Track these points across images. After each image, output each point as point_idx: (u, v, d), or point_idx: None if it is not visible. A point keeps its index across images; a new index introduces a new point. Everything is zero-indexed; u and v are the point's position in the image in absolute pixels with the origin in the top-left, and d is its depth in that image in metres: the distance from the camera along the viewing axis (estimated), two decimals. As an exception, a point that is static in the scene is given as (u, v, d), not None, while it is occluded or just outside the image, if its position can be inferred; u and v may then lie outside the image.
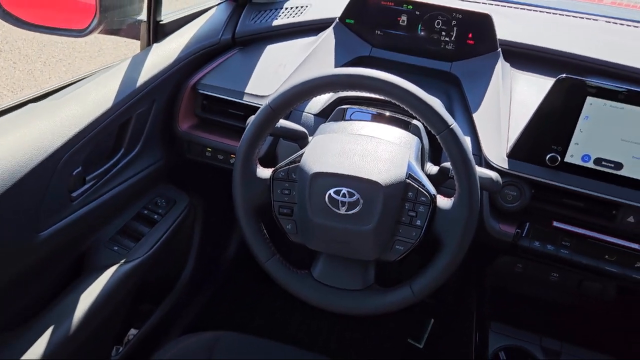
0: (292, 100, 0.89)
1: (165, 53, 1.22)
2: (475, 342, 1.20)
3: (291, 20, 1.39)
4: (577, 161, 0.99)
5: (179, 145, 1.27)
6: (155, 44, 1.25)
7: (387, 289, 0.93)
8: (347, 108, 1.09)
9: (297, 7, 1.44)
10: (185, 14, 1.35)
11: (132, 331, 1.32)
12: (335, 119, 1.08)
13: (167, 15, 1.30)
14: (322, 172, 0.86)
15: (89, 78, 1.12)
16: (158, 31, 1.27)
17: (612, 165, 0.97)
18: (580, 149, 0.98)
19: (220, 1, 1.46)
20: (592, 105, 0.95)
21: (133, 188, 1.19)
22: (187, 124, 1.25)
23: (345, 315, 0.94)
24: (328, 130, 1.00)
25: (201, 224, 1.50)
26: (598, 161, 0.98)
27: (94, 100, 1.04)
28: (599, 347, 1.19)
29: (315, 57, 1.25)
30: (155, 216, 1.24)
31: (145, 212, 1.25)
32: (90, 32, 1.09)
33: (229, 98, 1.20)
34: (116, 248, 1.14)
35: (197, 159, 1.27)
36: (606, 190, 0.98)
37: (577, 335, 1.23)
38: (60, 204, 0.99)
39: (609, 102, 0.94)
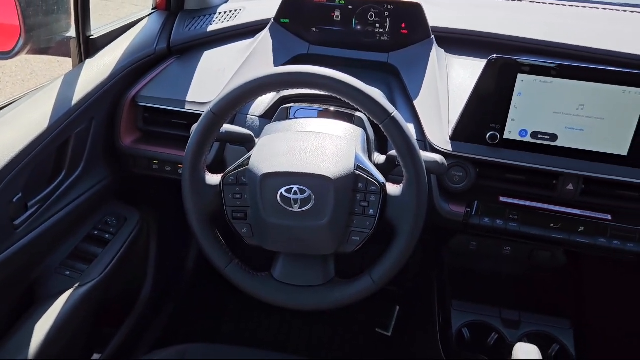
0: (233, 103, 0.89)
1: (99, 68, 1.19)
2: (439, 322, 1.24)
3: (226, 24, 1.38)
4: (516, 137, 1.03)
5: (123, 161, 1.24)
6: (87, 60, 1.21)
7: (349, 281, 0.94)
8: (291, 107, 1.10)
9: (231, 11, 1.43)
10: (116, 26, 1.32)
11: (95, 356, 1.28)
12: (280, 119, 1.08)
13: (97, 29, 1.27)
14: (272, 172, 0.87)
15: (21, 100, 1.08)
16: (89, 46, 1.24)
17: (548, 137, 1.01)
18: (517, 124, 1.02)
19: (151, 11, 1.44)
20: (523, 82, 0.99)
21: (80, 209, 1.16)
22: (130, 139, 1.23)
23: (313, 312, 0.95)
24: (273, 131, 1.00)
25: (156, 238, 1.47)
26: (534, 135, 1.02)
27: (28, 123, 1.01)
28: (555, 312, 1.24)
29: (253, 59, 1.24)
30: (107, 236, 1.21)
31: (96, 232, 1.21)
32: (17, 53, 1.05)
33: (171, 108, 1.19)
34: (68, 273, 1.11)
35: (145, 173, 1.25)
36: (545, 162, 1.02)
37: (533, 303, 1.28)
38: (3, 233, 0.95)
39: (538, 78, 0.99)
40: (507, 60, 0.99)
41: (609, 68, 0.97)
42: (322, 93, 0.97)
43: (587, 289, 1.35)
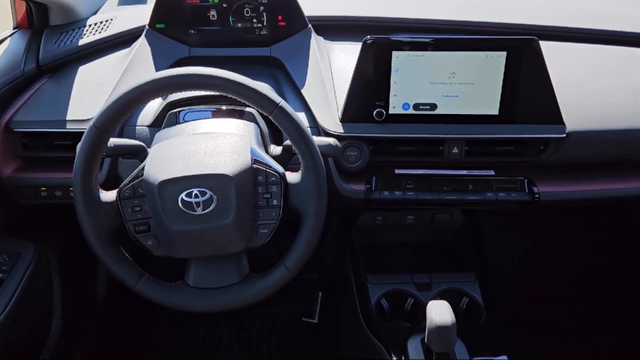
0: (116, 115, 0.86)
1: None
2: (358, 298, 1.28)
3: (98, 36, 1.32)
4: (400, 111, 1.09)
5: (6, 193, 1.16)
6: (-54, 91, 1.11)
7: (264, 274, 0.95)
8: (180, 111, 1.08)
9: (101, 22, 1.37)
10: (-26, 52, 1.22)
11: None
12: (170, 125, 1.06)
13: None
14: (169, 179, 0.85)
15: None
16: (-54, 76, 1.14)
17: (428, 107, 1.08)
18: (399, 99, 1.08)
19: (12, 31, 1.34)
20: (398, 58, 1.05)
21: None
22: (10, 168, 1.14)
23: (236, 311, 0.95)
24: (165, 137, 0.99)
25: (58, 269, 1.38)
26: (416, 106, 1.08)
27: None
28: (460, 268, 1.33)
29: (133, 68, 1.21)
30: (0, 275, 1.12)
31: (-13, 274, 1.12)
32: None
33: (51, 130, 1.12)
34: None
35: (33, 202, 1.17)
36: (429, 130, 1.09)
37: (441, 264, 1.37)
38: None
39: (411, 53, 1.05)
40: (380, 40, 1.05)
41: (471, 37, 1.05)
42: (209, 93, 0.96)
43: (485, 242, 1.46)
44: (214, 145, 0.90)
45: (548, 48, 1.07)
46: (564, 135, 1.08)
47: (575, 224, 1.86)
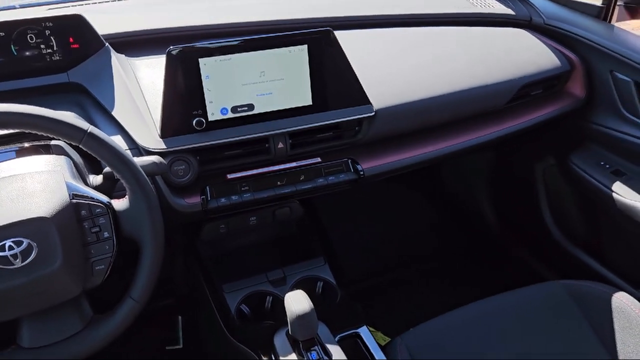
0: None
1: None
2: (217, 311, 1.26)
3: None
4: (219, 116, 1.08)
5: None
6: None
7: (110, 312, 0.90)
8: None
9: None
10: None
11: None
12: None
13: None
14: None
15: None
16: None
17: (246, 108, 1.10)
18: (216, 105, 1.08)
19: None
20: (206, 65, 1.05)
21: None
22: None
23: (96, 358, 0.88)
24: None
25: None
26: (234, 109, 1.09)
27: None
28: (310, 256, 1.39)
29: None
30: None
31: None
32: None
33: None
34: None
35: None
36: (251, 130, 1.10)
37: (291, 256, 1.41)
38: None
39: (218, 58, 1.05)
40: (184, 49, 1.03)
41: (273, 35, 1.09)
42: (3, 132, 0.87)
43: (326, 225, 1.53)
44: (21, 187, 0.81)
45: (350, 36, 1.15)
46: (373, 113, 1.18)
47: (402, 189, 2.05)
